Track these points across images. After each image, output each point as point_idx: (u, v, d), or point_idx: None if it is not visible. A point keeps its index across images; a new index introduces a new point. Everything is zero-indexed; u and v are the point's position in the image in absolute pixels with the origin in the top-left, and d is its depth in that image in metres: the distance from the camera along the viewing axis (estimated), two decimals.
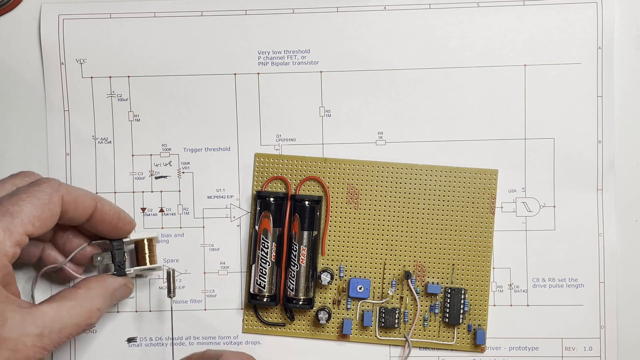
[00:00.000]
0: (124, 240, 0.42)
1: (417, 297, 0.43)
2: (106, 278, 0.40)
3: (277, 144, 0.44)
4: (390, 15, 0.43)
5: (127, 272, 0.41)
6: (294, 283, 0.42)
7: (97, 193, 0.44)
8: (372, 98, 0.43)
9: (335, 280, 0.43)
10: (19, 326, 0.33)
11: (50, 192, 0.36)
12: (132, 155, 0.44)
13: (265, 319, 0.44)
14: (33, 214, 0.35)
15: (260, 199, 0.42)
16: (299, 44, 0.43)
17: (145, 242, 0.42)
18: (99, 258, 0.41)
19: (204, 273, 0.44)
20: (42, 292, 0.44)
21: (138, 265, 0.42)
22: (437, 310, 0.43)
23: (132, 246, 0.43)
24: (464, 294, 0.42)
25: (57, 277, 0.43)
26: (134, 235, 0.42)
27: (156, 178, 0.44)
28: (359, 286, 0.43)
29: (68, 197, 0.37)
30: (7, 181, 0.39)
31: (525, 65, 0.43)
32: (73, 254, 0.41)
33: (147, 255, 0.42)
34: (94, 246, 0.42)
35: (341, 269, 0.43)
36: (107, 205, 0.40)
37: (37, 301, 0.40)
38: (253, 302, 0.43)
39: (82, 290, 0.38)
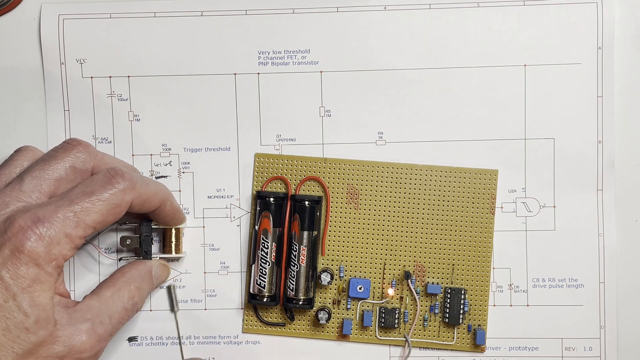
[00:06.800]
0: (153, 227, 0.42)
1: (417, 297, 0.43)
2: (138, 261, 0.41)
3: (277, 144, 0.44)
4: (390, 15, 0.43)
5: (152, 259, 0.42)
6: (294, 283, 0.42)
7: None
8: (372, 98, 0.43)
9: (335, 280, 0.43)
10: (69, 323, 0.34)
11: (122, 197, 0.36)
12: (132, 155, 0.44)
13: (265, 319, 0.44)
14: (97, 220, 0.35)
15: (260, 199, 0.42)
16: (299, 44, 0.43)
17: (173, 231, 0.43)
18: (127, 242, 0.42)
19: (204, 273, 0.44)
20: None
21: (164, 252, 0.43)
22: (437, 310, 0.43)
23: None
24: (464, 294, 0.42)
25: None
26: None
27: (156, 178, 0.44)
28: (359, 286, 0.43)
29: (137, 201, 0.37)
30: (11, 163, 0.38)
31: (525, 65, 0.43)
32: (98, 234, 0.43)
33: (173, 244, 0.43)
34: (121, 230, 0.43)
35: (341, 269, 0.43)
36: (169, 205, 0.40)
37: None
38: (253, 302, 0.43)
39: (117, 277, 0.39)
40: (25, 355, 0.33)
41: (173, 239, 0.43)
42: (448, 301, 0.42)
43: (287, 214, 0.42)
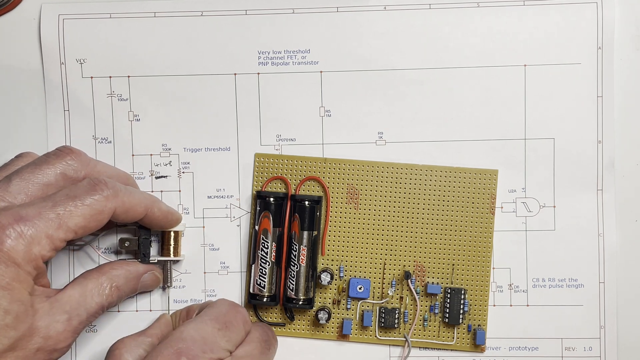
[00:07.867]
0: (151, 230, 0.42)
1: (417, 297, 0.43)
2: (131, 262, 0.41)
3: (277, 144, 0.44)
4: (390, 15, 0.43)
5: (151, 261, 0.42)
6: (294, 283, 0.42)
7: None
8: (372, 98, 0.43)
9: (335, 280, 0.43)
10: (49, 314, 0.35)
11: (104, 203, 0.36)
12: (132, 155, 0.44)
13: (265, 319, 0.44)
14: (80, 224, 0.35)
15: (260, 199, 0.42)
16: (299, 44, 0.43)
17: (172, 233, 0.43)
18: (126, 244, 0.42)
19: (204, 273, 0.44)
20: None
21: (162, 255, 0.43)
22: (437, 310, 0.43)
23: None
24: (464, 294, 0.42)
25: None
26: None
27: (156, 178, 0.44)
28: (359, 286, 0.43)
29: (120, 210, 0.37)
30: (8, 168, 0.38)
31: (525, 65, 0.43)
32: (99, 236, 0.42)
33: (171, 247, 0.43)
34: (120, 231, 0.43)
35: (341, 269, 0.43)
36: (158, 210, 0.40)
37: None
38: (253, 302, 0.43)
39: (104, 270, 0.39)
40: (6, 350, 0.33)
41: (172, 242, 0.42)
42: (448, 301, 0.42)
43: (287, 214, 0.42)
